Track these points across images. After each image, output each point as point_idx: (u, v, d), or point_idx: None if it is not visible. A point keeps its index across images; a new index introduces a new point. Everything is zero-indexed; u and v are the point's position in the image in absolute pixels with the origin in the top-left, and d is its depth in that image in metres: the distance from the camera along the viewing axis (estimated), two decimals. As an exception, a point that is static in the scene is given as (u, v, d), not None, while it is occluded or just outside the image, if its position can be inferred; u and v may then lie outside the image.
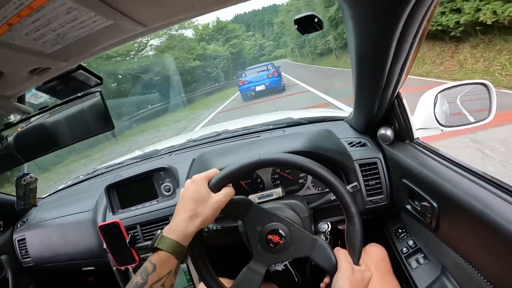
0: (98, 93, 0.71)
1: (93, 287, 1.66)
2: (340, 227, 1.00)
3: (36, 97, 0.77)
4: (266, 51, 59.33)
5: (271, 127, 1.30)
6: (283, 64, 27.18)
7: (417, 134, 0.95)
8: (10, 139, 0.80)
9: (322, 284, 0.72)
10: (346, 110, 1.30)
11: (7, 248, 1.37)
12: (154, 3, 0.42)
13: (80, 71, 0.65)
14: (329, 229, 0.86)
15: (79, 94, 0.72)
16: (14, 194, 1.44)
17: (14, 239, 1.39)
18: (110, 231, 1.04)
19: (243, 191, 1.03)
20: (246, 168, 0.67)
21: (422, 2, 0.50)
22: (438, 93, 0.94)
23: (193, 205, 0.63)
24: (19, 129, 0.81)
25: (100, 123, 0.76)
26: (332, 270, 0.66)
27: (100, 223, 1.12)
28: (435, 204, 0.75)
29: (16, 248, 1.38)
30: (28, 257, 1.36)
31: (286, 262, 1.08)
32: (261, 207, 0.72)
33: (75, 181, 1.60)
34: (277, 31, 59.14)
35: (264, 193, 0.89)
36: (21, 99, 0.73)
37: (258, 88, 10.19)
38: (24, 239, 1.36)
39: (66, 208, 1.34)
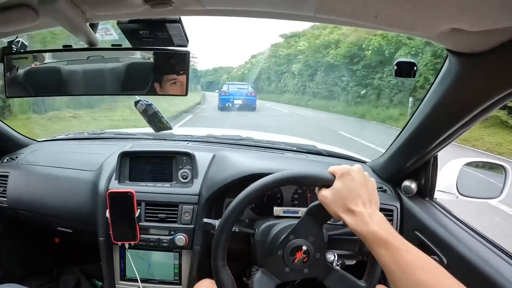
0: (186, 54, 0.61)
1: (57, 248, 1.54)
2: (347, 262, 1.00)
3: (106, 32, 0.70)
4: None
5: (294, 148, 1.33)
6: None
7: (436, 194, 1.02)
8: (21, 71, 0.70)
9: None
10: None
11: None
12: None
13: (179, 24, 0.60)
14: (335, 259, 0.88)
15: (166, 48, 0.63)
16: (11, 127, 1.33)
17: None
18: (119, 201, 0.97)
19: (260, 201, 1.03)
20: None
21: None
22: (464, 164, 1.03)
23: None
24: (33, 65, 0.72)
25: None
26: None
27: (103, 188, 1.06)
28: (444, 259, 0.82)
29: None
30: (4, 197, 1.24)
31: None
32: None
33: (78, 136, 1.51)
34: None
35: (291, 208, 0.90)
36: (93, 27, 0.65)
37: (236, 102, 11.84)
38: (6, 176, 1.25)
39: (64, 160, 1.25)
